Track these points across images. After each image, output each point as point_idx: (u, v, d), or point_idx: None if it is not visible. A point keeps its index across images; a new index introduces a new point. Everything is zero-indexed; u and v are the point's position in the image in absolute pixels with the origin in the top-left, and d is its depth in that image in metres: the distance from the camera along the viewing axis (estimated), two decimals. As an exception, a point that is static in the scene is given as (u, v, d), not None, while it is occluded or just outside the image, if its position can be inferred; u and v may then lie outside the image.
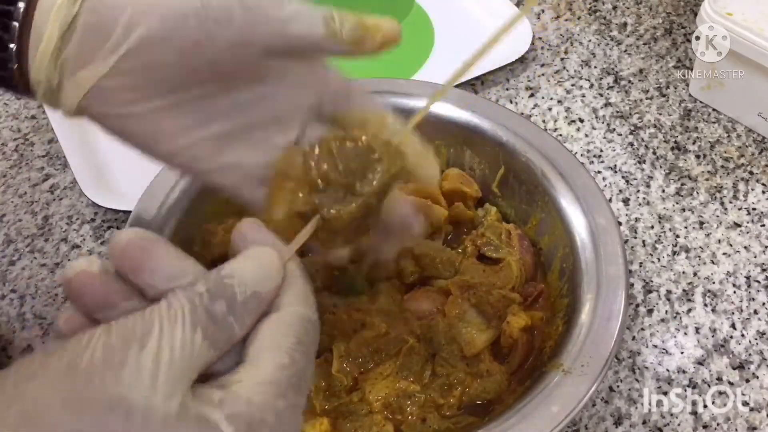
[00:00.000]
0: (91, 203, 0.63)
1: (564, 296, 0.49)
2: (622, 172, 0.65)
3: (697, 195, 0.64)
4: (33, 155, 0.68)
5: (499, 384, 0.47)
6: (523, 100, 0.71)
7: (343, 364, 0.47)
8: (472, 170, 0.58)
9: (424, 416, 0.46)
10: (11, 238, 0.61)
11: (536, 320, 0.50)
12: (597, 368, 0.43)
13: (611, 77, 0.73)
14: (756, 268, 0.59)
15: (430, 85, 0.59)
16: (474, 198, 0.58)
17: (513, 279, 0.51)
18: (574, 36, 0.77)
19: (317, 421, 0.45)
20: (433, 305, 0.50)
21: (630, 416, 0.51)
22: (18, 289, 0.58)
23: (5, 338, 0.55)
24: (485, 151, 0.57)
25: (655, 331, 0.55)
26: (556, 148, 0.54)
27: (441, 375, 0.48)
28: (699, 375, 0.53)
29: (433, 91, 0.44)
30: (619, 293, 0.46)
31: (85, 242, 0.61)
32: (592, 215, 0.50)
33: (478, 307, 0.49)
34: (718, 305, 0.57)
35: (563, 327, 0.47)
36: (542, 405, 0.42)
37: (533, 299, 0.51)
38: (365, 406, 0.46)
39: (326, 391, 0.47)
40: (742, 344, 0.55)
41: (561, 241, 0.51)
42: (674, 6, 0.80)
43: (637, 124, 0.69)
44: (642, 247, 0.60)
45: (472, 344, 0.48)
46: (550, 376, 0.43)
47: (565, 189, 0.52)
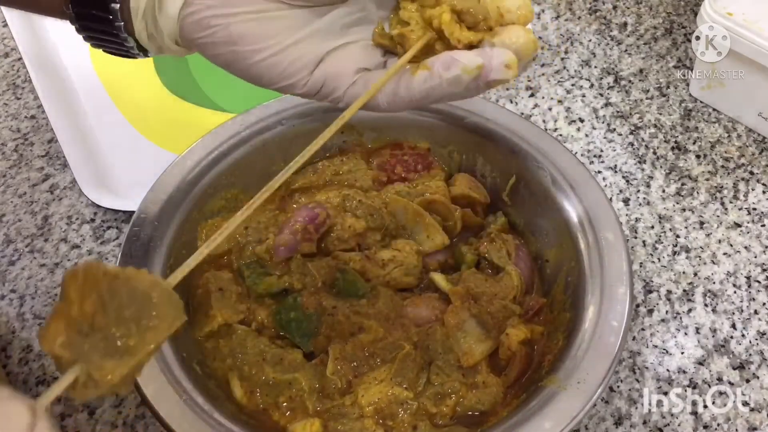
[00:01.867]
0: (90, 203, 0.62)
1: (566, 310, 0.49)
2: (622, 172, 0.65)
3: (698, 195, 0.64)
4: (33, 155, 0.68)
5: (494, 396, 0.47)
6: (523, 100, 0.71)
7: (338, 366, 0.47)
8: (483, 177, 0.58)
9: (415, 424, 0.46)
10: (11, 238, 0.61)
11: (536, 334, 0.49)
12: (593, 386, 0.43)
13: (611, 77, 0.73)
14: (756, 268, 0.59)
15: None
16: (483, 204, 0.57)
17: (514, 288, 0.51)
18: (575, 36, 0.77)
19: (309, 422, 0.45)
20: (432, 313, 0.50)
21: (630, 416, 0.51)
22: (17, 289, 0.58)
23: (4, 338, 0.55)
24: (498, 159, 0.57)
25: (655, 331, 0.55)
26: (569, 161, 0.54)
27: (436, 383, 0.47)
28: (699, 375, 0.53)
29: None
30: (621, 311, 0.46)
31: (84, 242, 0.61)
32: (601, 230, 0.50)
33: (478, 317, 0.49)
34: (719, 305, 0.57)
35: (563, 342, 0.47)
36: (535, 420, 0.42)
37: (534, 313, 0.51)
38: (357, 410, 0.46)
39: (320, 393, 0.47)
40: (743, 344, 0.55)
41: (568, 254, 0.51)
42: (674, 6, 0.80)
43: (638, 123, 0.69)
44: (642, 247, 0.60)
45: (470, 354, 0.48)
46: (545, 391, 0.43)
47: (574, 202, 0.52)
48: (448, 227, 0.55)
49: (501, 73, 0.35)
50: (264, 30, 0.36)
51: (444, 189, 0.56)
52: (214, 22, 0.35)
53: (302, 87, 0.38)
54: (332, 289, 0.51)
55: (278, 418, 0.46)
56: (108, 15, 0.37)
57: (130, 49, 0.39)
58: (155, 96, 0.71)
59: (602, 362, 0.44)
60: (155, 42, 0.38)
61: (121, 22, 0.37)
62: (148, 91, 0.72)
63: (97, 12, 0.37)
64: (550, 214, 0.53)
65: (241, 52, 0.36)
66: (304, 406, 0.46)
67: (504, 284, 0.51)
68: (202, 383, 0.45)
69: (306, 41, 0.37)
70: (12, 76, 0.75)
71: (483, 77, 0.36)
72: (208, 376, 0.47)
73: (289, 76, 0.37)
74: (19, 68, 0.75)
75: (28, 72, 0.71)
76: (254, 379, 0.47)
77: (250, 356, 0.48)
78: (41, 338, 0.29)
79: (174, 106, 0.71)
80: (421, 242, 0.54)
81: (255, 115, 0.56)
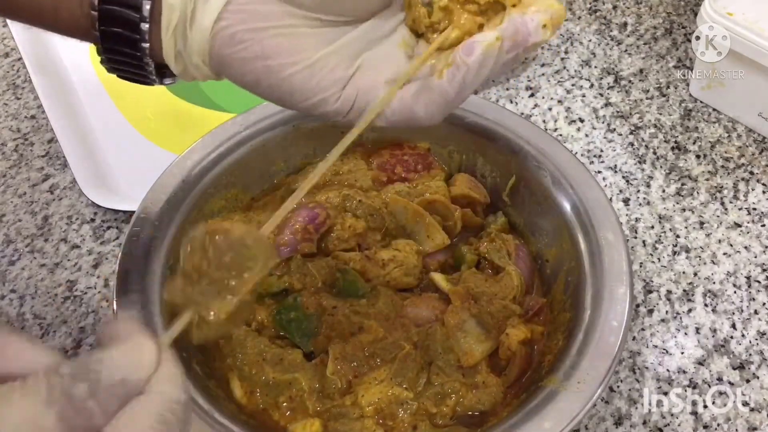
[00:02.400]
0: (90, 203, 0.62)
1: (566, 310, 0.49)
2: (622, 172, 0.65)
3: (698, 195, 0.64)
4: (33, 155, 0.68)
5: (494, 396, 0.47)
6: (523, 100, 0.71)
7: (338, 366, 0.47)
8: (483, 177, 0.58)
9: (415, 424, 0.46)
10: (11, 238, 0.61)
11: (536, 334, 0.49)
12: (593, 385, 0.43)
13: (611, 77, 0.73)
14: (756, 268, 0.59)
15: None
16: (483, 204, 0.57)
17: (514, 288, 0.51)
18: (575, 36, 0.77)
19: (309, 422, 0.45)
20: (433, 313, 0.50)
21: (630, 416, 0.51)
22: (17, 289, 0.58)
23: (5, 338, 0.55)
24: (497, 159, 0.57)
25: (655, 331, 0.55)
26: (568, 161, 0.54)
27: (436, 383, 0.47)
28: (699, 375, 0.53)
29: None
30: (621, 311, 0.46)
31: (84, 242, 0.61)
32: (601, 230, 0.50)
33: (477, 317, 0.49)
34: (719, 305, 0.57)
35: (563, 342, 0.47)
36: (535, 420, 0.42)
37: (534, 313, 0.51)
38: (357, 410, 0.46)
39: (320, 393, 0.47)
40: (743, 344, 0.55)
41: (568, 254, 0.51)
42: (674, 6, 0.80)
43: (638, 123, 0.69)
44: (642, 247, 0.60)
45: (470, 354, 0.48)
46: (545, 392, 0.43)
47: (574, 202, 0.52)
48: (448, 227, 0.55)
49: (539, 35, 0.35)
50: (295, 45, 0.36)
51: (444, 189, 0.56)
52: (247, 36, 0.36)
53: (334, 103, 0.37)
54: (332, 289, 0.51)
55: (278, 418, 0.46)
56: (136, 35, 0.37)
57: (149, 74, 0.39)
58: (155, 96, 0.71)
59: (602, 362, 0.44)
60: (181, 62, 0.38)
61: (147, 43, 0.37)
62: (149, 91, 0.72)
63: (124, 31, 0.37)
64: (550, 214, 0.53)
65: (275, 66, 0.36)
66: (304, 406, 0.46)
67: (504, 284, 0.51)
68: (202, 383, 0.45)
69: (335, 56, 0.37)
70: (12, 76, 0.75)
71: (521, 42, 0.35)
72: (208, 376, 0.47)
73: (323, 90, 0.37)
74: (19, 68, 0.75)
75: (28, 72, 0.71)
76: (254, 379, 0.47)
77: (250, 356, 0.48)
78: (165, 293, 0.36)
79: (174, 106, 0.71)
80: (421, 242, 0.54)
81: (255, 116, 0.56)
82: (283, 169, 0.58)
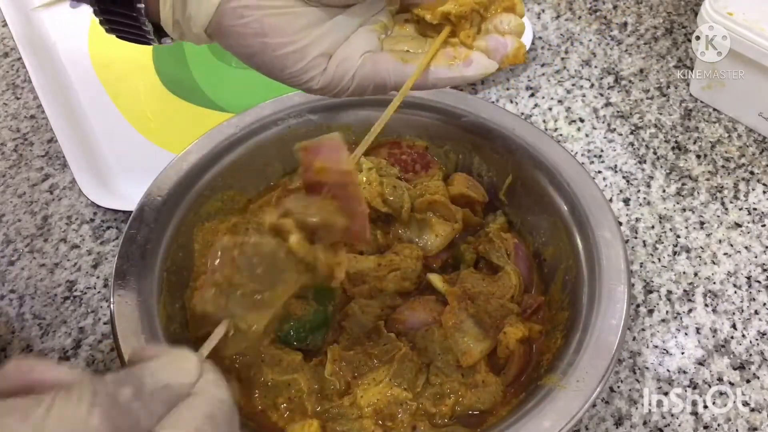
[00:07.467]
0: (90, 203, 0.62)
1: (564, 309, 0.49)
2: (622, 172, 0.65)
3: (698, 195, 0.64)
4: (32, 155, 0.68)
5: (493, 395, 0.47)
6: (523, 100, 0.71)
7: (336, 368, 0.47)
8: (480, 177, 0.58)
9: (414, 424, 0.46)
10: (10, 239, 0.61)
11: (534, 333, 0.49)
12: (592, 384, 0.43)
13: (612, 77, 0.73)
14: (757, 268, 0.59)
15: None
16: (481, 203, 0.57)
17: (512, 288, 0.51)
18: (575, 36, 0.77)
19: (307, 423, 0.45)
20: (430, 315, 0.50)
21: (630, 416, 0.51)
22: (17, 289, 0.58)
23: (4, 338, 0.55)
24: (494, 158, 0.57)
25: (655, 331, 0.55)
26: (565, 159, 0.54)
27: (435, 384, 0.47)
28: (699, 375, 0.53)
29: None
30: (619, 309, 0.46)
31: (84, 242, 0.61)
32: (598, 229, 0.50)
33: (475, 317, 0.49)
34: (719, 305, 0.57)
35: (562, 340, 0.47)
36: (535, 419, 0.42)
37: (532, 312, 0.51)
38: (356, 411, 0.46)
39: (318, 394, 0.47)
40: (743, 344, 0.55)
41: (565, 253, 0.51)
42: (675, 6, 0.80)
43: (638, 123, 0.69)
44: (642, 248, 0.60)
45: (468, 354, 0.48)
46: (544, 390, 0.43)
47: (571, 201, 0.52)
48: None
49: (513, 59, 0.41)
50: (290, 25, 0.39)
51: (443, 189, 0.56)
52: (248, 13, 0.38)
53: (319, 78, 0.40)
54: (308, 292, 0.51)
55: (277, 419, 0.46)
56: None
57: (146, 34, 0.41)
58: (155, 96, 0.71)
59: (601, 360, 0.44)
60: (179, 29, 0.40)
61: (141, 4, 0.39)
62: (148, 91, 0.72)
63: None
64: (547, 213, 0.53)
65: (271, 44, 0.39)
66: (302, 407, 0.46)
67: (502, 283, 0.51)
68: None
69: (326, 38, 0.40)
70: (12, 76, 0.75)
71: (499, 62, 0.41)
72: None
73: (312, 68, 0.40)
74: (19, 68, 0.75)
75: (27, 72, 0.71)
76: (253, 381, 0.47)
77: (248, 357, 0.47)
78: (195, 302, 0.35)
79: (173, 105, 0.71)
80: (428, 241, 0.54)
81: (250, 117, 0.56)
82: (279, 170, 0.58)
